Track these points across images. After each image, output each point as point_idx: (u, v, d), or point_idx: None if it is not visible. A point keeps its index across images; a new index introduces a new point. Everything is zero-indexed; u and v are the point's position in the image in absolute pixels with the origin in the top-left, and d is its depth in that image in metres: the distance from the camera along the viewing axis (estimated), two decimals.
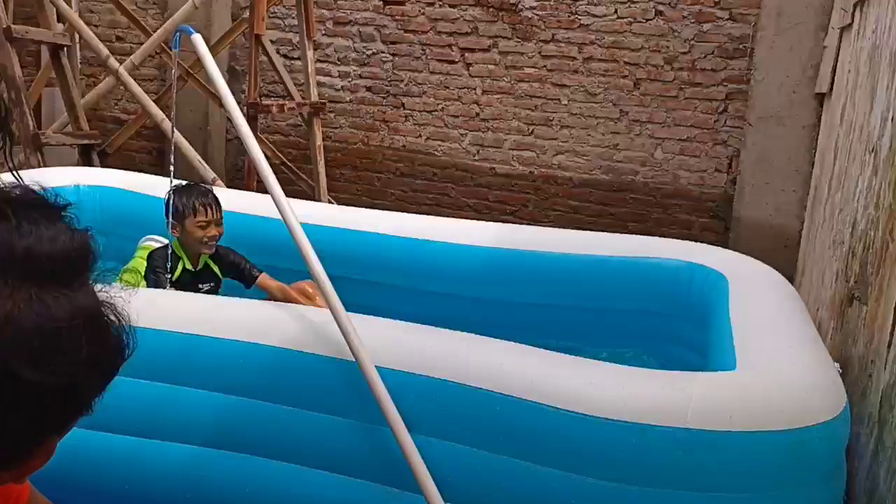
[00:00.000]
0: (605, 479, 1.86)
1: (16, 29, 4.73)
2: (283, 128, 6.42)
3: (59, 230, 0.71)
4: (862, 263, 2.51)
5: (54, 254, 0.69)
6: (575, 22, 5.53)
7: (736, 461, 1.81)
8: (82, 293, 0.71)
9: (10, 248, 0.67)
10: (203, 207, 3.19)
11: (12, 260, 0.67)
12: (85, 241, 0.73)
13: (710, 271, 3.12)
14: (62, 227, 0.72)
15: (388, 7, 5.96)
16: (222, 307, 2.40)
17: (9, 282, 0.67)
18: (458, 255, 3.55)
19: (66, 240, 0.71)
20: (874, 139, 2.61)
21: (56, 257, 0.69)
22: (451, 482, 1.94)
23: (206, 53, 2.56)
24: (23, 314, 0.66)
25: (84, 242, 0.73)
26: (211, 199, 3.21)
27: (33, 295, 0.67)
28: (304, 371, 2.14)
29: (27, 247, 0.68)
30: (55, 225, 0.71)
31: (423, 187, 6.06)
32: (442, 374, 2.01)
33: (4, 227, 0.68)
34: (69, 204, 0.75)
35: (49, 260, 0.69)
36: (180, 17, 5.39)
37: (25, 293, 0.67)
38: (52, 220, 0.71)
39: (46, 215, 0.71)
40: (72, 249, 0.71)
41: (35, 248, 0.68)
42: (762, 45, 4.98)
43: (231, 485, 2.14)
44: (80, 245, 0.72)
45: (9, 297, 0.66)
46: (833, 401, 1.94)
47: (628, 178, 5.54)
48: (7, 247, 0.67)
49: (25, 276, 0.67)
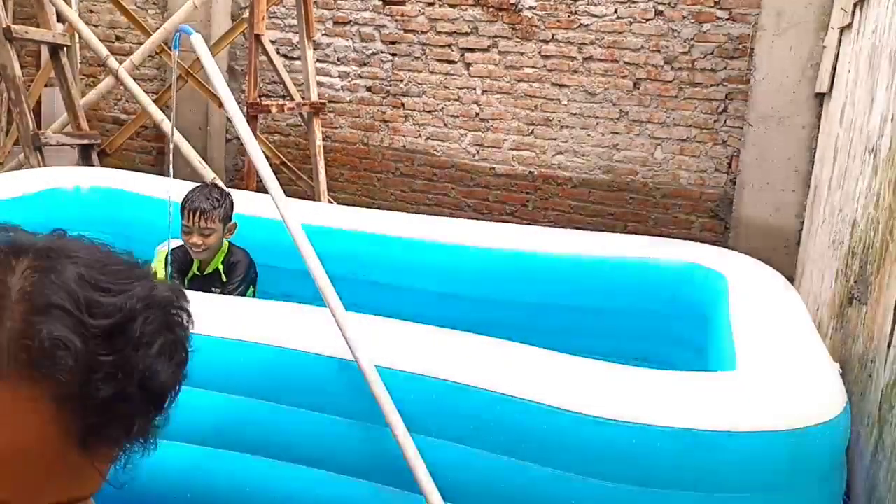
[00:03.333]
0: (604, 480, 1.85)
1: (16, 29, 4.72)
2: (283, 128, 6.42)
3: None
4: (862, 263, 2.51)
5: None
6: (575, 22, 5.53)
7: (736, 461, 1.81)
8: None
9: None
10: (187, 213, 3.11)
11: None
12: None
13: (710, 271, 3.12)
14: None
15: (388, 7, 5.96)
16: (222, 307, 2.40)
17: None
18: (458, 255, 3.55)
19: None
20: (874, 139, 2.61)
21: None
22: (451, 482, 1.94)
23: (206, 53, 2.56)
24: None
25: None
26: (197, 206, 3.10)
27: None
28: (304, 371, 2.14)
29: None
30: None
31: (423, 187, 6.06)
32: (442, 374, 2.01)
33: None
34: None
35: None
36: (180, 17, 5.39)
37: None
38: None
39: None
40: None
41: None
42: (762, 45, 4.98)
43: (231, 485, 2.15)
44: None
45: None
46: (833, 401, 1.94)
47: (628, 177, 5.54)
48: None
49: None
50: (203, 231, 3.13)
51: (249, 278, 3.31)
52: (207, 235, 3.14)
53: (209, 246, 3.17)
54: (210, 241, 3.15)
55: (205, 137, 6.37)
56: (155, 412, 0.73)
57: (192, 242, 3.14)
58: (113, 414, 0.67)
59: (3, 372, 0.63)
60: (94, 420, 0.66)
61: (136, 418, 0.70)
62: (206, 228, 3.13)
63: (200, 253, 3.18)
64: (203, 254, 3.19)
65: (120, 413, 0.68)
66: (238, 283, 3.24)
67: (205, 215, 3.12)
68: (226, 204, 3.20)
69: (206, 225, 3.12)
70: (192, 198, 3.14)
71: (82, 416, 0.65)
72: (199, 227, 3.12)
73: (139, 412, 0.70)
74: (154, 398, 0.71)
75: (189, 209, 3.11)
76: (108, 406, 0.66)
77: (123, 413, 0.68)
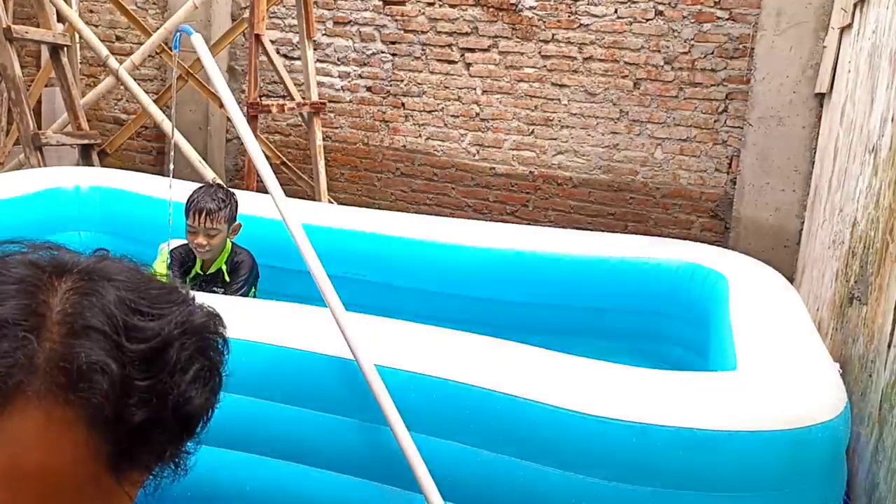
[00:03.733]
0: (605, 479, 1.86)
1: (16, 29, 4.73)
2: (283, 128, 6.42)
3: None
4: (862, 263, 2.51)
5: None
6: (575, 22, 5.53)
7: (736, 461, 1.81)
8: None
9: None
10: (193, 213, 3.12)
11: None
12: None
13: (710, 271, 3.12)
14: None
15: (388, 7, 5.96)
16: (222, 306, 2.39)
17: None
18: (458, 255, 3.55)
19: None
20: (874, 139, 2.61)
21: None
22: (451, 481, 1.94)
23: (206, 53, 2.56)
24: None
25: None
26: (203, 207, 3.11)
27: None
28: (304, 370, 2.14)
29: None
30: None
31: (423, 187, 6.06)
32: (442, 373, 2.01)
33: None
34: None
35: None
36: (180, 17, 5.39)
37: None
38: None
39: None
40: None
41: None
42: (762, 45, 4.98)
43: (231, 484, 2.15)
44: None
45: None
46: (833, 401, 1.94)
47: (628, 177, 5.54)
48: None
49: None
50: (209, 231, 3.13)
51: (252, 279, 3.31)
52: (213, 236, 3.14)
53: (214, 246, 3.17)
54: (215, 241, 3.16)
55: (205, 137, 6.37)
56: (187, 437, 0.73)
57: (197, 243, 3.14)
58: (145, 439, 0.67)
59: (39, 393, 0.63)
60: (126, 444, 0.66)
61: (168, 444, 0.70)
62: (211, 229, 3.13)
63: (205, 253, 3.18)
64: (207, 254, 3.19)
65: (152, 438, 0.68)
66: (241, 284, 3.25)
67: (210, 216, 3.12)
68: (231, 205, 3.21)
69: (212, 225, 3.13)
70: (198, 198, 3.14)
71: (115, 441, 0.65)
72: (205, 228, 3.12)
73: (171, 437, 0.70)
74: (187, 424, 0.72)
75: (195, 210, 3.12)
76: (141, 431, 0.66)
77: (156, 438, 0.68)
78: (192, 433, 0.74)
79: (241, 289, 3.24)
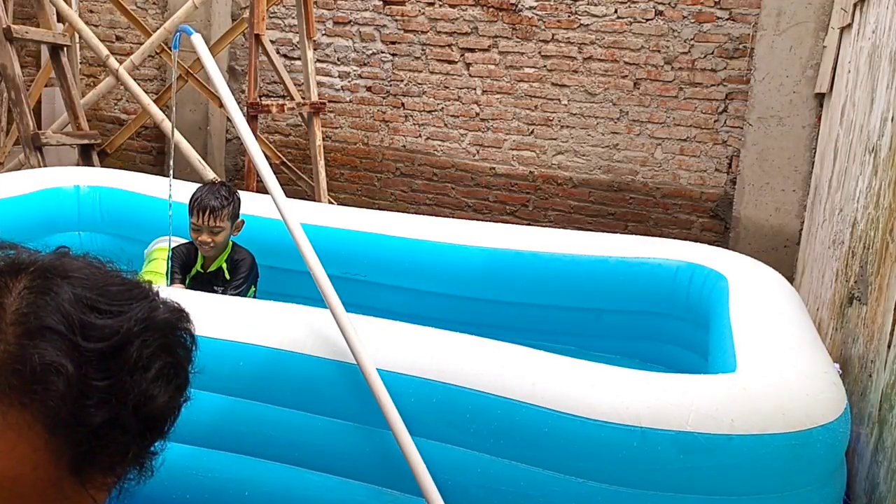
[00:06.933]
0: (605, 483, 1.85)
1: (16, 29, 4.72)
2: (283, 128, 6.41)
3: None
4: (862, 263, 2.51)
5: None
6: (575, 22, 5.53)
7: (737, 464, 1.81)
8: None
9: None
10: (197, 211, 3.15)
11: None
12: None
13: (710, 271, 3.11)
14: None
15: (388, 7, 5.96)
16: (222, 307, 2.40)
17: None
18: (458, 255, 3.55)
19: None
20: (874, 139, 2.61)
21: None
22: (452, 485, 1.94)
23: (206, 53, 2.56)
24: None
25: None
26: (207, 205, 3.14)
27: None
28: (305, 373, 2.14)
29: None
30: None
31: (423, 187, 6.06)
32: (442, 376, 2.01)
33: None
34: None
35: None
36: (180, 17, 5.39)
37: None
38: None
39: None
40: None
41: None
42: (762, 45, 4.98)
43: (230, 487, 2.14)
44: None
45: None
46: (834, 403, 1.94)
47: (628, 177, 5.54)
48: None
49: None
50: (213, 229, 3.17)
51: (252, 278, 3.33)
52: (217, 233, 3.18)
53: (218, 244, 3.22)
54: (219, 238, 3.20)
55: (205, 137, 6.37)
56: (151, 438, 0.71)
57: (201, 240, 3.18)
58: (107, 440, 0.65)
59: None
60: (87, 447, 0.64)
61: (131, 445, 0.68)
62: (215, 227, 3.17)
63: (209, 250, 3.23)
64: (211, 251, 3.24)
65: (114, 439, 0.66)
66: (241, 282, 3.28)
67: (214, 213, 3.16)
68: (234, 202, 3.25)
69: (216, 223, 3.16)
70: (202, 196, 3.18)
71: (75, 443, 0.64)
72: (209, 226, 3.16)
73: (134, 438, 0.68)
74: (150, 424, 0.69)
75: (199, 208, 3.15)
76: (101, 432, 0.64)
77: (118, 439, 0.66)
78: (158, 433, 0.71)
79: (241, 287, 3.27)
